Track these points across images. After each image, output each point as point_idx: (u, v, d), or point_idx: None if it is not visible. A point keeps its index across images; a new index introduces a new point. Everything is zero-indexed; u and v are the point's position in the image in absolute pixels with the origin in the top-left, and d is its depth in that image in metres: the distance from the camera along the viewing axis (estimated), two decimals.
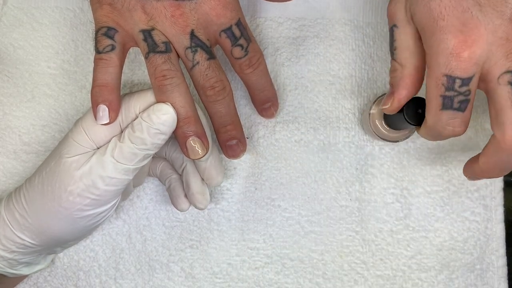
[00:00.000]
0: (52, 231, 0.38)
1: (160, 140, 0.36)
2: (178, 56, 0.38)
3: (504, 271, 0.45)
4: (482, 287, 0.45)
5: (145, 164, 0.38)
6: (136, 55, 0.46)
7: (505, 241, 0.45)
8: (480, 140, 0.45)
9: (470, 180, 0.39)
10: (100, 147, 0.37)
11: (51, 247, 0.40)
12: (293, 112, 0.46)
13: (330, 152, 0.46)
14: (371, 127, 0.42)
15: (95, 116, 0.36)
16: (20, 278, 0.44)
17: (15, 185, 0.46)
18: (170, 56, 0.36)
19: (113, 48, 0.36)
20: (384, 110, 0.37)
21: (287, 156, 0.46)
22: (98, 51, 0.36)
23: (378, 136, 0.42)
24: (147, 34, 0.36)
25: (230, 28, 0.37)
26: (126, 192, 0.44)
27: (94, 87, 0.36)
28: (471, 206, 0.45)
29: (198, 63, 0.37)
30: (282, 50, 0.46)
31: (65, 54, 0.47)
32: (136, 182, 0.44)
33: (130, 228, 0.46)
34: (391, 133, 0.42)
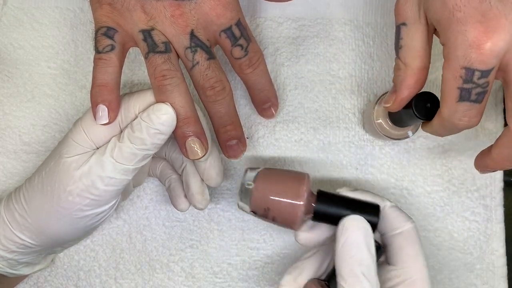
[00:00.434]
0: (52, 231, 0.38)
1: (159, 140, 0.36)
2: (178, 56, 0.38)
3: (503, 271, 0.45)
4: (481, 287, 0.45)
5: (145, 164, 0.38)
6: (136, 55, 0.46)
7: (505, 241, 0.45)
8: (480, 140, 0.45)
9: (482, 173, 0.39)
10: (100, 147, 0.37)
11: (51, 247, 0.40)
12: (293, 112, 0.46)
13: (330, 152, 0.46)
14: (374, 124, 0.42)
15: (95, 116, 0.36)
16: (20, 278, 0.45)
17: (15, 185, 0.46)
18: (170, 56, 0.36)
19: (112, 48, 0.36)
20: (386, 108, 0.37)
21: (287, 156, 0.46)
22: (97, 51, 0.36)
23: (382, 134, 0.42)
24: (147, 34, 0.36)
25: (230, 28, 0.37)
26: (126, 192, 0.44)
27: (93, 87, 0.36)
28: (471, 206, 0.45)
29: (198, 63, 0.37)
30: (282, 50, 0.46)
31: (65, 54, 0.47)
32: (136, 182, 0.44)
33: (130, 228, 0.46)
34: (395, 130, 0.42)
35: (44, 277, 0.46)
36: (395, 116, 0.40)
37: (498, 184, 0.45)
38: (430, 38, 0.35)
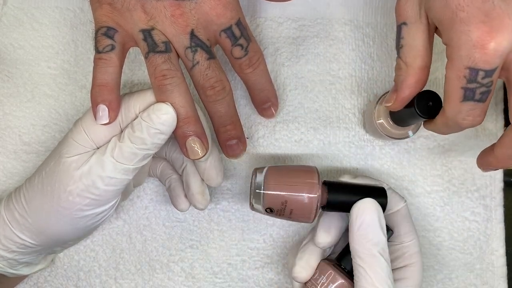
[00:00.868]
0: (52, 231, 0.38)
1: (160, 140, 0.36)
2: (178, 56, 0.38)
3: (503, 271, 0.45)
4: (481, 287, 0.45)
5: (145, 164, 0.38)
6: (136, 55, 0.46)
7: (504, 241, 0.45)
8: (480, 140, 0.45)
9: (484, 172, 0.39)
10: (100, 147, 0.37)
11: (51, 247, 0.40)
12: (293, 112, 0.46)
13: (330, 152, 0.46)
14: (375, 124, 0.42)
15: (95, 116, 0.36)
16: (20, 278, 0.44)
17: (15, 185, 0.46)
18: (170, 56, 0.36)
19: (112, 48, 0.36)
20: (387, 107, 0.38)
21: (287, 156, 0.46)
22: (98, 50, 0.36)
23: (383, 134, 0.42)
24: (147, 33, 0.36)
25: (230, 28, 0.37)
26: (126, 192, 0.44)
27: (93, 87, 0.36)
28: (471, 206, 0.45)
29: (198, 63, 0.37)
30: (282, 50, 0.46)
31: (65, 54, 0.47)
32: (136, 182, 0.44)
33: (130, 228, 0.46)
34: (396, 130, 0.42)
35: (44, 277, 0.46)
36: (397, 115, 0.40)
37: (498, 184, 0.45)
38: (431, 38, 0.35)
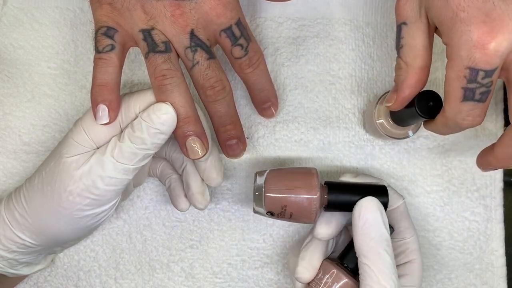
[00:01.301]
0: (52, 231, 0.38)
1: (160, 140, 0.36)
2: (178, 55, 0.38)
3: (503, 271, 0.45)
4: (481, 287, 0.45)
5: (145, 164, 0.38)
6: (136, 55, 0.46)
7: (504, 241, 0.45)
8: (480, 140, 0.45)
9: (484, 171, 0.39)
10: (100, 147, 0.37)
11: (51, 247, 0.40)
12: (293, 112, 0.46)
13: (330, 152, 0.46)
14: (375, 124, 0.42)
15: (95, 115, 0.36)
16: (20, 278, 0.44)
17: (15, 185, 0.46)
18: (170, 56, 0.36)
19: (112, 47, 0.36)
20: (388, 107, 0.38)
21: (287, 156, 0.46)
22: (97, 50, 0.36)
23: (383, 133, 0.42)
24: (147, 33, 0.36)
25: (230, 27, 0.37)
26: (126, 192, 0.44)
27: (93, 86, 0.36)
28: (471, 206, 0.45)
29: (198, 62, 0.37)
30: (282, 50, 0.46)
31: (65, 54, 0.47)
32: (136, 182, 0.44)
33: (130, 228, 0.46)
34: (396, 130, 0.42)
35: (44, 277, 0.46)
36: (397, 115, 0.40)
37: (498, 184, 0.45)
38: (431, 37, 0.35)
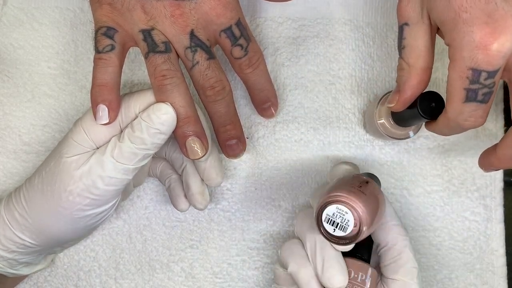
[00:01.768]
0: (52, 231, 0.38)
1: (159, 140, 0.36)
2: (178, 56, 0.38)
3: (503, 271, 0.45)
4: (481, 287, 0.45)
5: (145, 164, 0.38)
6: (136, 55, 0.46)
7: (504, 241, 0.45)
8: (481, 140, 0.45)
9: (486, 172, 0.39)
10: (100, 147, 0.37)
11: (51, 247, 0.40)
12: (293, 112, 0.46)
13: (330, 152, 0.46)
14: (376, 124, 0.42)
15: (95, 116, 0.36)
16: (20, 278, 0.44)
17: (15, 185, 0.46)
18: (170, 56, 0.36)
19: (112, 48, 0.36)
20: (389, 108, 0.37)
21: (287, 156, 0.46)
22: (97, 50, 0.36)
23: (384, 134, 0.42)
24: (147, 34, 0.36)
25: (230, 28, 0.37)
26: (126, 192, 0.44)
27: (93, 87, 0.36)
28: (471, 206, 0.45)
29: (197, 63, 0.37)
30: (282, 50, 0.46)
31: (65, 54, 0.47)
32: (136, 182, 0.44)
33: (130, 228, 0.46)
34: (397, 130, 0.42)
35: (44, 277, 0.46)
36: (398, 115, 0.40)
37: (498, 184, 0.45)
38: (433, 38, 0.35)
